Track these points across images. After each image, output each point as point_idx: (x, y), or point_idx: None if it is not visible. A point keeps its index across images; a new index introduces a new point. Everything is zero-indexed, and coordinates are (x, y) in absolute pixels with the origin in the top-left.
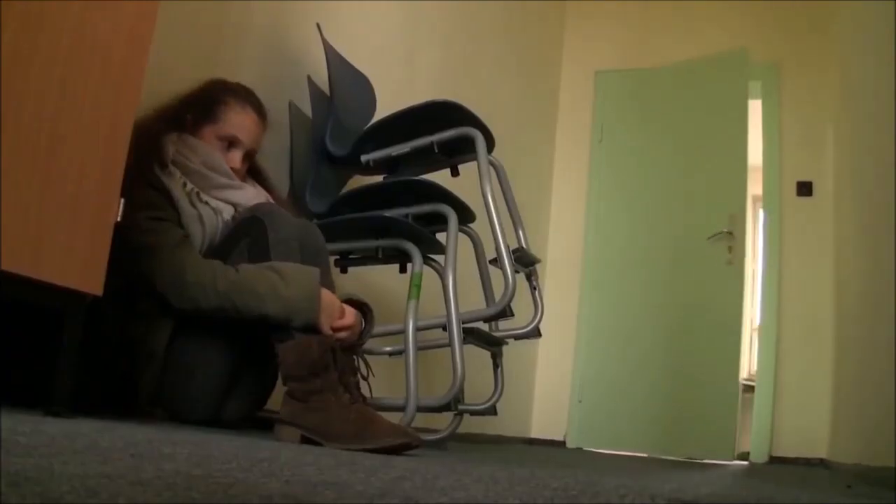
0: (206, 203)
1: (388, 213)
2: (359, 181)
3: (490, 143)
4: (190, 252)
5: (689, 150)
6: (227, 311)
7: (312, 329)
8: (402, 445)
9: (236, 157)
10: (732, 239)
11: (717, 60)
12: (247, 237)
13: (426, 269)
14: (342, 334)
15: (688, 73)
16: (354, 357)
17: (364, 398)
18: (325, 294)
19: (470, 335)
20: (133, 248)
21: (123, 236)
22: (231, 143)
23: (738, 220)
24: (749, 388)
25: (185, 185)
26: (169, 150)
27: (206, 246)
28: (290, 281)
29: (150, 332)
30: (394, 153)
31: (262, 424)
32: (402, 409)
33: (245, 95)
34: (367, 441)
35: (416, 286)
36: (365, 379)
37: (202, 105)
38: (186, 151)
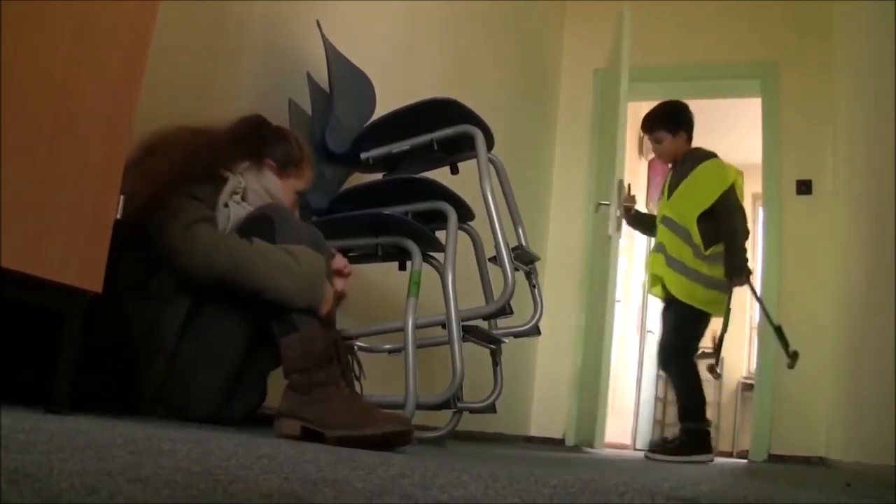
0: (240, 205)
1: (387, 211)
2: (358, 179)
3: (490, 141)
4: (211, 225)
5: None
6: (236, 279)
7: (313, 313)
8: (405, 432)
9: (296, 207)
10: None
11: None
12: (256, 232)
13: (425, 266)
14: (340, 283)
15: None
16: (350, 357)
17: (360, 397)
18: (326, 283)
19: (469, 333)
20: (162, 216)
21: (157, 213)
22: (299, 194)
23: None
24: (748, 387)
25: (234, 193)
26: (239, 166)
27: None
28: (301, 261)
29: (159, 322)
30: (393, 151)
31: (262, 422)
32: (401, 406)
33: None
34: (368, 427)
35: (415, 284)
36: (357, 379)
37: (290, 158)
38: (256, 174)
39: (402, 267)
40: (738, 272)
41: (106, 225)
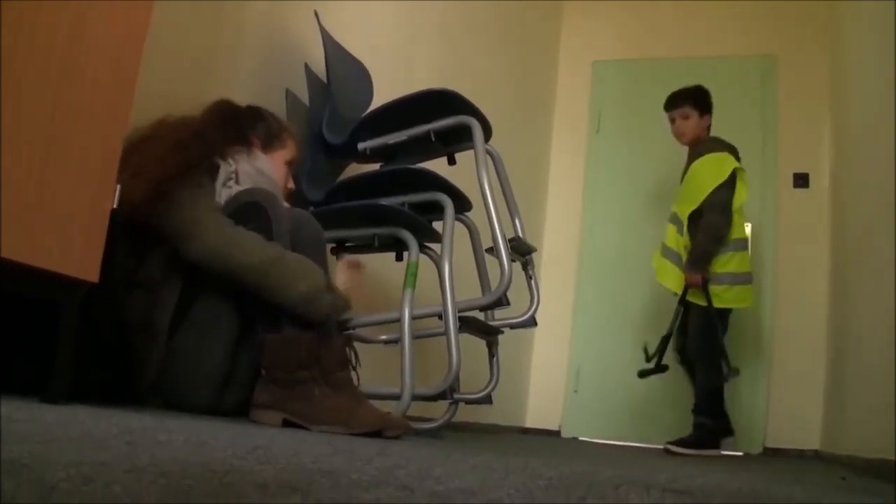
0: (231, 189)
1: (384, 202)
2: (355, 169)
3: (487, 132)
4: (222, 215)
5: None
6: (245, 279)
7: (305, 322)
8: (378, 432)
9: (290, 178)
10: None
11: (740, 63)
12: (251, 222)
13: (422, 257)
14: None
15: (702, 69)
16: (348, 349)
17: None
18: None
19: (466, 324)
20: (171, 204)
21: (162, 202)
22: (289, 164)
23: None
24: None
25: (228, 179)
26: (230, 151)
27: None
28: (308, 277)
29: (152, 311)
30: (390, 141)
31: None
32: (397, 397)
33: (291, 126)
34: (354, 427)
35: (412, 275)
36: (354, 369)
37: (271, 132)
38: (247, 157)
39: (399, 258)
40: (692, 265)
41: (103, 216)
